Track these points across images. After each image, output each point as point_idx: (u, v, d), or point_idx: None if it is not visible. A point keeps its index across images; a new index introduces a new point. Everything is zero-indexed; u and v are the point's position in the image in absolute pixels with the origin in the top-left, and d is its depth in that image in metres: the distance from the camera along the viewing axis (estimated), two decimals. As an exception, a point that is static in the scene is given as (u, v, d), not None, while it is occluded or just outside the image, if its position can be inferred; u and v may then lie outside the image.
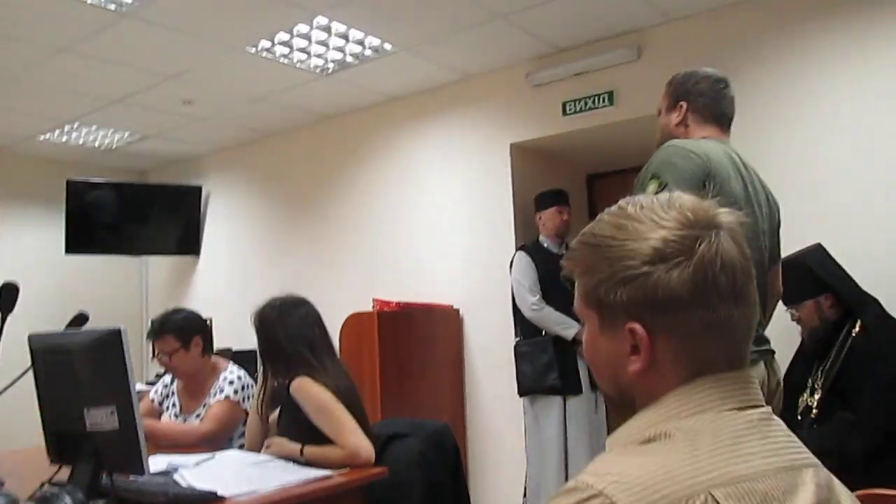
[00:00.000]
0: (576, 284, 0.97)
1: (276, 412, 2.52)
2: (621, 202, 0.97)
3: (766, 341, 2.15)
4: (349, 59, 4.30)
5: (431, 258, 4.76)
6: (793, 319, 3.05)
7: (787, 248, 2.97)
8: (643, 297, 0.87)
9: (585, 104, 4.13)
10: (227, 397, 2.86)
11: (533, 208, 4.24)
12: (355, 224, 5.19)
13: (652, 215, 0.90)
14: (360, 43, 4.10)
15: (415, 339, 4.32)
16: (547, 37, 4.05)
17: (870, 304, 2.89)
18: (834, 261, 3.01)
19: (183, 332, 2.92)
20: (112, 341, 1.78)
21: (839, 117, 3.40)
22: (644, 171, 2.07)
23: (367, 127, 5.17)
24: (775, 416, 0.90)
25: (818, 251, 3.01)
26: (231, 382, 2.90)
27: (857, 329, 2.85)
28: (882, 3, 3.29)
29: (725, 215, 0.91)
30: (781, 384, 2.20)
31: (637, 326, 0.88)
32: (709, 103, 2.22)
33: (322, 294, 5.23)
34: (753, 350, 2.02)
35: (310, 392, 2.34)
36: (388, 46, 4.13)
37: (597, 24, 3.91)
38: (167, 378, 3.11)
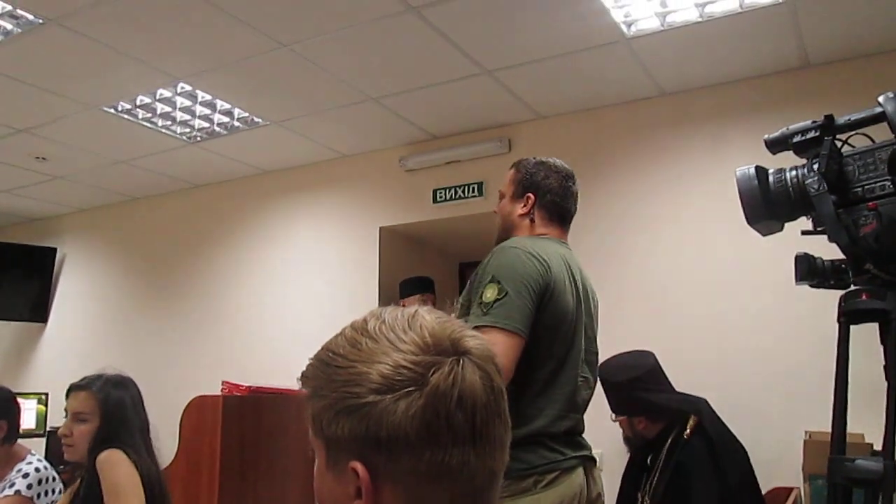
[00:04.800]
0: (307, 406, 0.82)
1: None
2: (368, 313, 0.84)
3: (586, 447, 1.97)
4: (217, 128, 4.13)
5: (291, 340, 4.49)
6: (613, 421, 2.93)
7: (624, 344, 2.88)
8: (366, 432, 0.73)
9: (455, 193, 4.10)
10: (16, 492, 2.47)
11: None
12: (214, 300, 4.90)
13: (391, 334, 0.78)
14: (229, 114, 3.95)
15: (265, 428, 4.01)
16: (420, 123, 4.03)
17: (702, 412, 2.70)
18: (657, 377, 2.78)
19: None
20: None
21: (683, 220, 3.49)
22: (481, 269, 1.88)
23: (235, 199, 4.96)
24: None
25: (641, 367, 2.78)
26: (25, 475, 2.53)
27: (687, 432, 2.73)
28: (734, 110, 3.44)
29: (471, 340, 0.78)
30: (603, 495, 2.01)
31: (359, 467, 0.73)
32: (556, 202, 2.08)
33: (170, 373, 4.91)
34: (572, 455, 1.88)
35: (114, 469, 2.06)
36: (258, 119, 4.00)
37: (469, 116, 3.92)
38: None
